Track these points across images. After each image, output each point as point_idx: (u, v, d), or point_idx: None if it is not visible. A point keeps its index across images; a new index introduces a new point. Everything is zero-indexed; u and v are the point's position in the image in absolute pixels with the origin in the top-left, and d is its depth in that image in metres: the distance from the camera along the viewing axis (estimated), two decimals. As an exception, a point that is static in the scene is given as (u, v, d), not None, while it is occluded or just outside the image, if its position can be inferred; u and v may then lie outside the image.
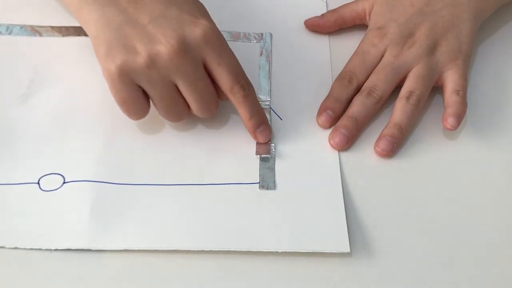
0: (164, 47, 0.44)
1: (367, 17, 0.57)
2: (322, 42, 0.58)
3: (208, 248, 0.43)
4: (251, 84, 0.48)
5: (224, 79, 0.46)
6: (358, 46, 0.54)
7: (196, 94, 0.46)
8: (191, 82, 0.45)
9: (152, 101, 0.47)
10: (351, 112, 0.50)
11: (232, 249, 0.43)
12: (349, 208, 0.46)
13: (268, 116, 0.52)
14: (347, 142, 0.49)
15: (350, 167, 0.49)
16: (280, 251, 0.43)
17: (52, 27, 0.58)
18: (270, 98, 0.53)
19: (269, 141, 0.50)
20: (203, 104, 0.47)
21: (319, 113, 0.51)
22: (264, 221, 0.45)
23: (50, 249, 0.43)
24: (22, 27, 0.58)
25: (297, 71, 0.56)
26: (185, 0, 0.47)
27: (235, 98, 0.47)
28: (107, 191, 0.46)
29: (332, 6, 0.61)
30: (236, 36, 0.58)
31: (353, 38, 0.57)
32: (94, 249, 0.43)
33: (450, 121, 0.49)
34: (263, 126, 0.49)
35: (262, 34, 0.58)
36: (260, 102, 0.52)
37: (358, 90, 0.52)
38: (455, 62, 0.52)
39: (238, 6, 0.61)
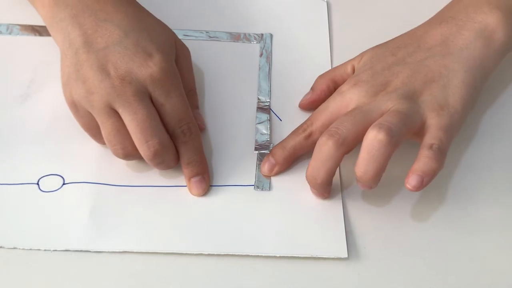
0: (109, 76, 0.44)
1: None
2: (322, 43, 0.58)
3: (207, 251, 0.43)
4: (196, 128, 0.46)
5: (167, 119, 0.45)
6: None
7: (135, 123, 0.43)
8: (130, 110, 0.43)
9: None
10: (310, 169, 0.44)
11: (231, 253, 0.44)
12: (346, 212, 0.46)
13: (267, 116, 0.52)
14: (323, 196, 0.46)
15: (348, 170, 0.49)
16: (278, 255, 0.43)
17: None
18: (270, 99, 0.53)
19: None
20: (144, 137, 0.44)
21: (264, 159, 0.49)
22: (261, 225, 0.45)
23: (49, 250, 0.43)
24: (22, 26, 0.58)
25: (297, 72, 0.56)
26: (151, 29, 0.47)
27: (176, 141, 0.46)
28: (106, 192, 0.46)
29: (333, 5, 0.61)
30: (237, 37, 0.58)
31: (354, 38, 0.57)
32: (93, 250, 0.43)
33: (411, 180, 0.41)
34: (198, 177, 0.46)
35: (262, 34, 0.58)
36: (260, 103, 0.53)
37: (310, 137, 0.47)
38: (438, 112, 0.44)
39: (238, 7, 0.61)
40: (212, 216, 0.46)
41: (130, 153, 0.45)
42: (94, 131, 0.47)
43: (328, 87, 0.52)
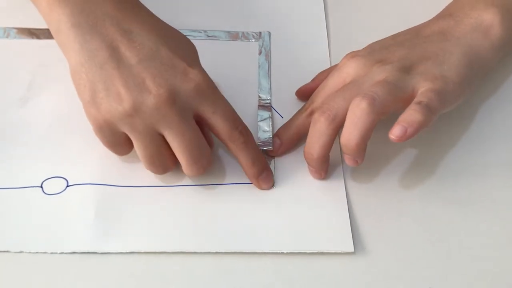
0: (151, 95, 0.41)
1: None
2: (320, 40, 0.58)
3: (213, 250, 0.43)
4: (249, 130, 0.46)
5: (221, 126, 0.44)
6: None
7: (183, 145, 0.43)
8: (177, 132, 0.42)
9: (136, 149, 0.44)
10: (307, 146, 0.46)
11: (237, 251, 0.44)
12: (351, 206, 0.47)
13: (269, 113, 0.52)
14: (320, 175, 0.47)
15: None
16: (285, 252, 0.44)
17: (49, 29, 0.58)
18: (271, 96, 0.53)
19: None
20: (192, 158, 0.43)
21: (272, 142, 0.49)
22: (266, 221, 0.45)
23: (56, 253, 0.43)
24: (19, 30, 0.58)
25: (296, 69, 0.56)
26: (178, 40, 0.45)
27: (235, 145, 0.45)
28: (110, 193, 0.46)
29: (330, 2, 0.61)
30: (235, 36, 0.58)
31: (352, 34, 0.57)
32: (99, 251, 0.43)
33: (395, 130, 0.41)
34: (265, 173, 0.46)
35: (260, 33, 0.58)
36: (261, 101, 0.53)
37: (311, 114, 0.47)
38: (433, 81, 0.44)
39: (236, 6, 0.61)
40: (217, 215, 0.46)
41: (169, 169, 0.45)
42: (120, 148, 0.45)
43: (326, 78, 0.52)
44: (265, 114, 0.52)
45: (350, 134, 0.42)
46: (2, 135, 0.50)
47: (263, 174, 0.46)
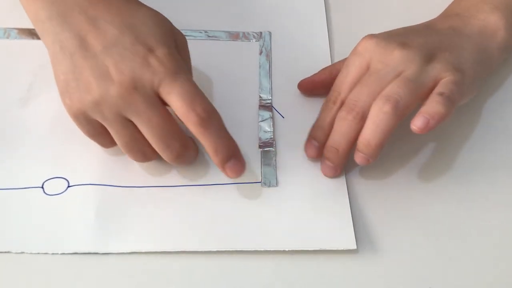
0: (114, 84, 0.41)
1: None
2: (321, 39, 0.58)
3: (215, 248, 0.43)
4: (213, 111, 0.43)
5: (176, 107, 0.42)
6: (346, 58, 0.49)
7: (151, 131, 0.42)
8: (144, 118, 0.42)
9: (113, 138, 0.44)
10: (331, 140, 0.46)
11: (240, 249, 0.43)
12: (353, 204, 0.47)
13: (270, 114, 0.52)
14: (336, 172, 0.47)
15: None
16: (287, 249, 0.43)
17: (50, 30, 0.58)
18: (271, 96, 0.53)
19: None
20: (163, 143, 0.43)
21: (306, 144, 0.48)
22: (269, 219, 0.45)
23: (57, 253, 0.43)
24: (20, 30, 0.58)
25: (297, 69, 0.56)
26: (142, 20, 0.44)
27: (193, 128, 0.42)
28: (111, 194, 0.46)
29: (331, 4, 0.61)
30: (235, 36, 0.58)
31: (353, 33, 0.57)
32: (100, 252, 0.43)
33: (417, 121, 0.42)
34: (232, 161, 0.44)
35: (261, 33, 0.58)
36: (261, 101, 0.53)
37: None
38: (453, 72, 0.44)
39: (236, 6, 0.61)
40: (218, 214, 0.45)
41: (150, 157, 0.45)
42: (101, 138, 0.45)
43: (330, 72, 0.52)
44: (266, 114, 0.52)
45: (371, 135, 0.43)
46: (2, 135, 0.50)
47: (230, 162, 0.44)
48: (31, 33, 0.57)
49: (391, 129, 0.43)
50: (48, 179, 0.47)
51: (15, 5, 0.59)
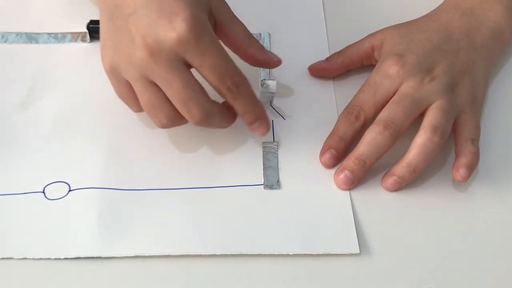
0: (138, 48, 0.42)
1: (376, 53, 0.53)
2: (320, 40, 0.58)
3: (218, 252, 0.43)
4: (242, 81, 0.45)
5: (210, 80, 0.44)
6: (370, 76, 0.49)
7: (172, 95, 0.43)
8: (165, 82, 0.43)
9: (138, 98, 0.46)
10: (360, 152, 0.46)
11: (243, 253, 0.43)
12: (355, 207, 0.46)
13: (270, 115, 0.52)
14: (353, 184, 0.47)
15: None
16: (291, 253, 0.43)
17: (48, 33, 0.57)
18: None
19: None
20: (184, 107, 0.44)
21: (322, 152, 0.48)
22: (272, 223, 0.45)
23: (59, 258, 0.43)
24: (18, 34, 0.57)
25: (297, 70, 0.56)
26: None
27: (226, 98, 0.45)
28: (113, 197, 0.46)
29: (329, 4, 0.61)
30: (235, 37, 0.58)
31: (351, 34, 0.57)
32: (103, 256, 0.43)
33: (462, 172, 0.46)
34: (258, 123, 0.47)
35: (260, 34, 0.58)
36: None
37: (365, 125, 0.48)
38: (471, 106, 0.48)
39: (235, 7, 0.61)
40: (223, 217, 0.45)
41: (174, 120, 0.45)
42: (129, 99, 0.46)
43: (342, 63, 0.54)
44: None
45: (419, 164, 0.46)
46: (3, 141, 0.49)
47: (256, 124, 0.47)
48: (30, 37, 0.57)
49: (433, 158, 0.46)
50: (49, 184, 0.47)
51: (13, 9, 0.59)
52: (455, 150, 0.48)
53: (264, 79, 0.50)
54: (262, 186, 0.47)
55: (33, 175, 0.47)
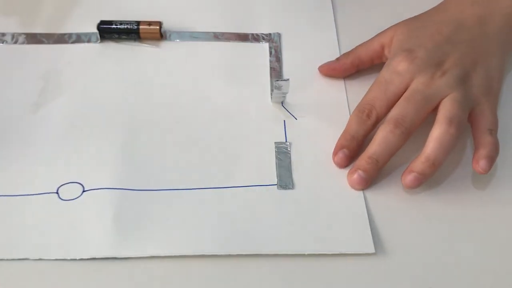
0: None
1: (387, 51, 0.53)
2: (330, 40, 0.58)
3: (233, 252, 0.43)
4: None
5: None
6: (381, 73, 0.49)
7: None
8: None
9: None
10: (372, 151, 0.46)
11: (258, 253, 0.43)
12: (369, 206, 0.46)
13: (282, 115, 0.52)
14: (367, 184, 0.47)
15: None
16: (306, 253, 0.43)
17: (58, 34, 0.57)
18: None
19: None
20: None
21: (335, 151, 0.48)
22: (286, 223, 0.45)
23: (75, 259, 0.43)
24: (28, 35, 0.57)
25: (307, 69, 0.56)
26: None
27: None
28: (127, 198, 0.46)
29: (338, 4, 0.61)
30: (245, 37, 0.58)
31: (360, 32, 0.57)
32: (119, 257, 0.43)
33: (482, 164, 0.45)
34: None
35: (270, 34, 0.58)
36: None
37: (377, 123, 0.48)
38: (487, 97, 0.48)
39: (243, 7, 0.61)
40: (237, 217, 0.45)
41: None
42: None
43: (352, 63, 0.54)
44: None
45: (438, 157, 0.45)
46: (16, 142, 0.49)
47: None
48: (40, 38, 0.57)
49: (452, 150, 0.46)
50: (63, 184, 0.47)
51: (23, 10, 0.59)
52: (473, 143, 0.47)
53: (278, 80, 0.50)
54: (276, 186, 0.47)
55: (47, 176, 0.47)
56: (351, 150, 0.48)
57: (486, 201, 0.47)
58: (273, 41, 0.58)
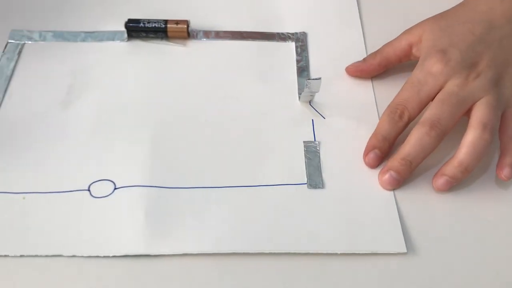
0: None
1: (415, 49, 0.52)
2: (356, 39, 0.58)
3: (267, 250, 0.43)
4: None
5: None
6: (413, 73, 0.49)
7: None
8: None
9: None
10: (406, 152, 0.46)
11: (290, 252, 0.43)
12: (399, 205, 0.46)
13: (310, 114, 0.52)
14: (398, 185, 0.47)
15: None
16: (338, 252, 0.43)
17: (85, 32, 0.58)
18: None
19: None
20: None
21: (366, 152, 0.48)
22: (317, 222, 0.45)
23: (108, 256, 0.43)
24: (55, 33, 0.58)
25: (334, 68, 0.56)
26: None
27: None
28: (159, 195, 0.46)
29: (364, 3, 0.61)
30: (271, 37, 0.58)
31: (388, 31, 0.57)
32: (152, 254, 0.43)
33: (506, 171, 0.46)
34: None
35: (296, 33, 0.58)
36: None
37: (408, 124, 0.48)
38: None
39: (269, 7, 0.61)
40: (268, 216, 0.45)
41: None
42: None
43: (379, 64, 0.54)
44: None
45: (471, 162, 0.45)
46: (46, 139, 0.49)
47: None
48: (67, 35, 0.57)
49: (485, 156, 0.46)
50: (94, 182, 0.47)
51: (52, 8, 0.60)
52: (500, 147, 0.47)
53: (309, 79, 0.50)
54: (306, 185, 0.47)
55: (78, 173, 0.47)
56: (382, 151, 0.48)
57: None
58: (300, 40, 0.58)
